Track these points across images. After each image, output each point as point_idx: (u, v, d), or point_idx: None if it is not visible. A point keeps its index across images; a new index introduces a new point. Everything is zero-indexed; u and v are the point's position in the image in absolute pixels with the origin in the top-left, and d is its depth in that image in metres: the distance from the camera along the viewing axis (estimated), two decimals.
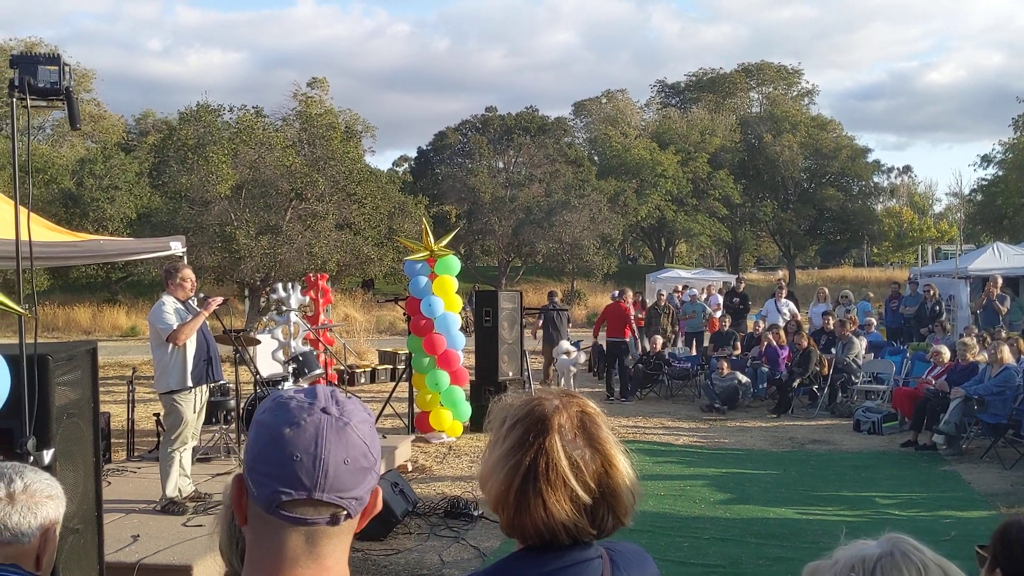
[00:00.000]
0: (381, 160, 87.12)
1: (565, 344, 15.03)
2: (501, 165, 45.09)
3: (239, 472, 1.31)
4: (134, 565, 5.45)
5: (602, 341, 15.48)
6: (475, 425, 11.07)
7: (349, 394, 1.34)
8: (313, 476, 1.22)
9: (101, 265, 27.88)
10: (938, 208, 68.82)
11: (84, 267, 26.99)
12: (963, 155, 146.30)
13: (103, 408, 9.57)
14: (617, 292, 15.63)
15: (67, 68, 3.37)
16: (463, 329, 11.70)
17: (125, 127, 46.53)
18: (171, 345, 6.73)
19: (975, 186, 47.43)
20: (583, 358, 15.80)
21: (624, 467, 1.60)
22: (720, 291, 19.99)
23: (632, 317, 14.82)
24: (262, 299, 19.91)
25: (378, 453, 1.33)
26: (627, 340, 14.48)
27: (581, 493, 1.52)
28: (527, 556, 1.58)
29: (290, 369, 9.63)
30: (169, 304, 6.83)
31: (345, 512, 1.27)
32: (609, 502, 1.57)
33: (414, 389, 11.11)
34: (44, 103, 3.40)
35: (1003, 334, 12.39)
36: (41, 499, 2.03)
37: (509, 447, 1.56)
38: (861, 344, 13.60)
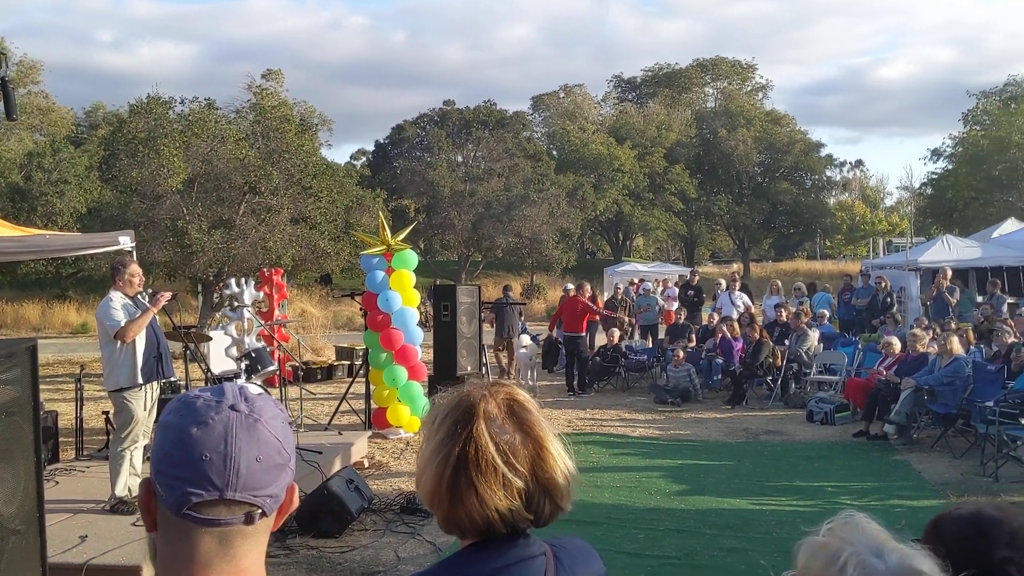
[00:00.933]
0: (338, 154, 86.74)
1: (525, 338, 15.05)
2: (460, 159, 44.97)
3: (147, 476, 1.27)
4: (82, 566, 5.34)
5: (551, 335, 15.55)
6: None
7: (262, 390, 1.31)
8: (224, 476, 1.19)
9: (50, 261, 27.31)
10: (889, 202, 70.14)
11: (33, 263, 26.42)
12: (914, 149, 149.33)
13: (51, 406, 9.40)
14: (570, 286, 15.64)
15: (3, 57, 3.27)
16: (422, 324, 11.63)
17: (75, 120, 45.61)
18: (120, 342, 6.60)
19: (925, 180, 48.43)
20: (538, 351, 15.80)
21: (558, 451, 1.58)
22: (676, 284, 20.15)
23: (590, 310, 14.77)
24: (215, 295, 19.64)
25: (292, 449, 1.31)
26: (583, 335, 14.50)
27: (512, 478, 1.51)
28: (469, 554, 1.56)
29: (242, 366, 9.49)
30: (117, 300, 6.70)
31: (260, 511, 1.24)
32: (544, 487, 1.55)
33: (371, 385, 11.04)
34: None
35: (952, 325, 12.63)
36: None
37: (439, 440, 1.55)
38: (814, 336, 13.79)
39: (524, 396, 1.62)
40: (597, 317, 15.76)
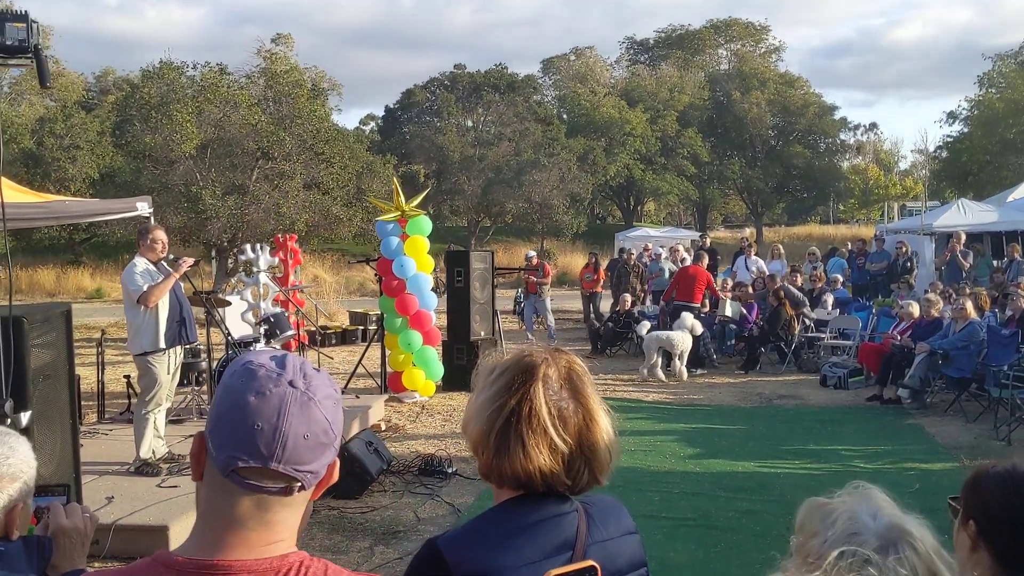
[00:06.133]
0: (348, 118, 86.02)
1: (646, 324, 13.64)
2: (470, 123, 44.70)
3: (202, 430, 1.33)
4: (110, 526, 5.46)
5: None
6: (448, 384, 11.15)
7: (318, 367, 1.36)
8: (271, 447, 1.24)
9: (64, 226, 27.45)
10: (904, 165, 69.47)
11: (47, 228, 26.55)
12: (930, 112, 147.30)
13: None
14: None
15: (35, 25, 3.30)
16: (435, 290, 11.69)
17: (85, 85, 45.47)
18: (143, 307, 6.68)
19: (940, 143, 47.90)
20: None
21: (605, 425, 1.66)
22: (687, 250, 20.10)
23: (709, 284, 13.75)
24: (230, 260, 19.73)
25: (339, 429, 1.35)
26: (696, 306, 13.26)
27: (559, 442, 1.58)
28: (508, 508, 1.63)
29: (262, 331, 9.60)
30: (140, 265, 6.78)
31: (299, 484, 1.29)
32: (587, 456, 1.62)
33: (387, 349, 11.13)
34: (13, 62, 3.33)
35: (967, 289, 12.60)
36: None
37: (495, 392, 1.62)
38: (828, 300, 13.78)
39: (582, 367, 1.70)
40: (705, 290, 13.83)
